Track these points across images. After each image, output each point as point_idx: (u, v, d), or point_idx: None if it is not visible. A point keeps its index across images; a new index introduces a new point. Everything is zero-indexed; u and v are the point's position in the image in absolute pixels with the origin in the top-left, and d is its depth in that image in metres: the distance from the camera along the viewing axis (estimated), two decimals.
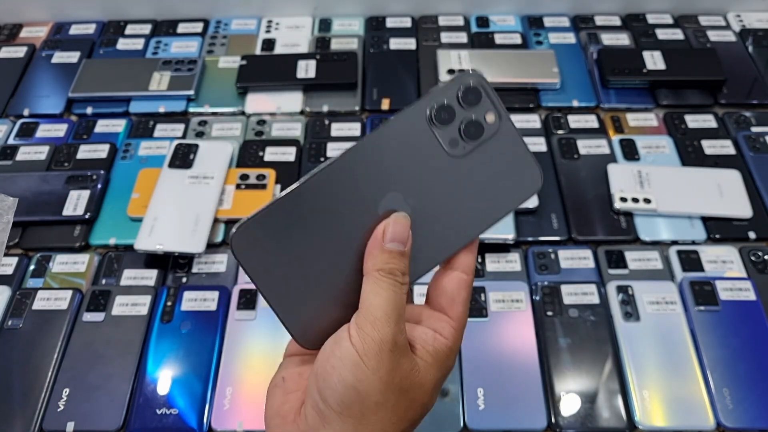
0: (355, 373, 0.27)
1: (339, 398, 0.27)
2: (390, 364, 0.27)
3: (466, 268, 0.31)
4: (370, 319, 0.27)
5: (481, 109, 0.30)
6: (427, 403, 0.30)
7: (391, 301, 0.28)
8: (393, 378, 0.27)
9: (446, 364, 0.30)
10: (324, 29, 0.91)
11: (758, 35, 0.87)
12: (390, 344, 0.27)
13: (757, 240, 0.66)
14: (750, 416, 0.54)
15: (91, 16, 0.93)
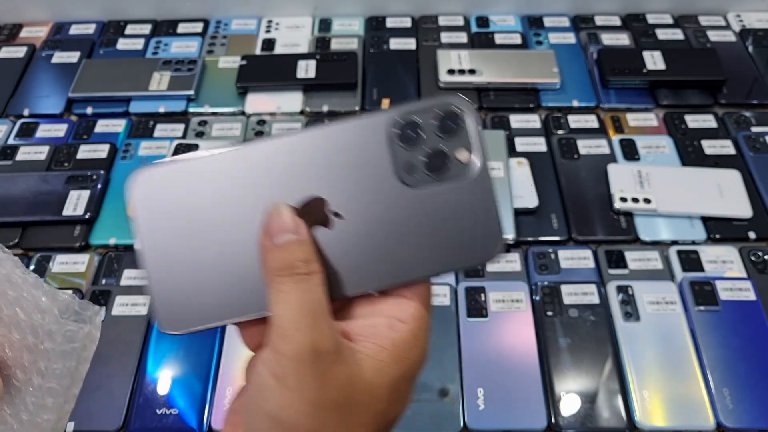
0: (275, 401, 0.23)
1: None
2: (315, 379, 0.22)
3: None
4: (279, 332, 0.23)
5: (456, 142, 0.26)
6: (385, 410, 0.25)
7: (297, 303, 0.23)
8: (324, 395, 0.23)
9: (411, 356, 0.25)
10: (324, 29, 0.91)
11: (758, 35, 0.87)
12: (309, 355, 0.22)
13: (757, 240, 0.66)
14: (750, 416, 0.54)
15: (91, 16, 0.93)
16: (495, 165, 0.69)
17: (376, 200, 0.26)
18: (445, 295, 0.61)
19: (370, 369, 0.24)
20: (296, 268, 0.24)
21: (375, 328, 0.25)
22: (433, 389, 0.56)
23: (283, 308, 0.23)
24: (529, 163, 0.71)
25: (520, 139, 0.75)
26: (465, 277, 0.64)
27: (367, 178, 0.26)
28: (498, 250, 0.27)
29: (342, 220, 0.26)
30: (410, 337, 0.25)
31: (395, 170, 0.26)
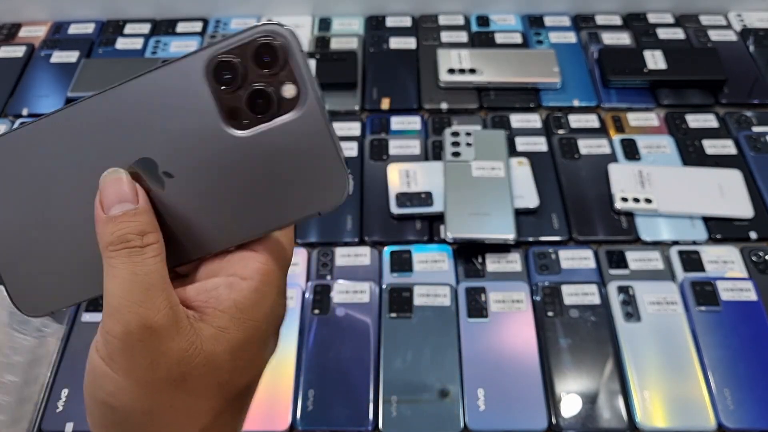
0: (104, 385, 0.22)
1: (99, 422, 0.22)
2: (146, 358, 0.21)
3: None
4: (109, 311, 0.22)
5: (279, 77, 0.23)
6: (230, 379, 0.23)
7: (129, 278, 0.21)
8: (156, 373, 0.21)
9: (256, 316, 0.23)
10: (324, 28, 0.91)
11: (759, 35, 0.87)
12: (139, 333, 0.21)
13: (758, 240, 0.66)
14: (751, 417, 0.54)
15: (90, 16, 0.93)
16: (495, 165, 0.69)
17: (206, 152, 0.24)
18: (445, 295, 0.61)
19: (209, 338, 0.22)
20: (129, 242, 0.22)
21: (215, 291, 0.23)
22: (433, 390, 0.56)
23: (113, 284, 0.22)
24: (530, 162, 0.71)
25: (520, 139, 0.75)
26: (465, 278, 0.63)
27: (193, 129, 0.23)
28: (344, 192, 0.24)
29: (174, 179, 0.24)
30: (253, 296, 0.23)
31: (221, 117, 0.23)
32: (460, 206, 0.65)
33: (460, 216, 0.65)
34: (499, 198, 0.66)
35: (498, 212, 0.65)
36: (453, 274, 0.64)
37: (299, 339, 0.58)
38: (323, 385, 0.56)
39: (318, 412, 0.54)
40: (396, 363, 0.57)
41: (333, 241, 0.66)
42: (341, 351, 0.58)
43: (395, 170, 0.70)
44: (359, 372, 0.56)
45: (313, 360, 0.57)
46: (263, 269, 0.23)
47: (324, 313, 0.60)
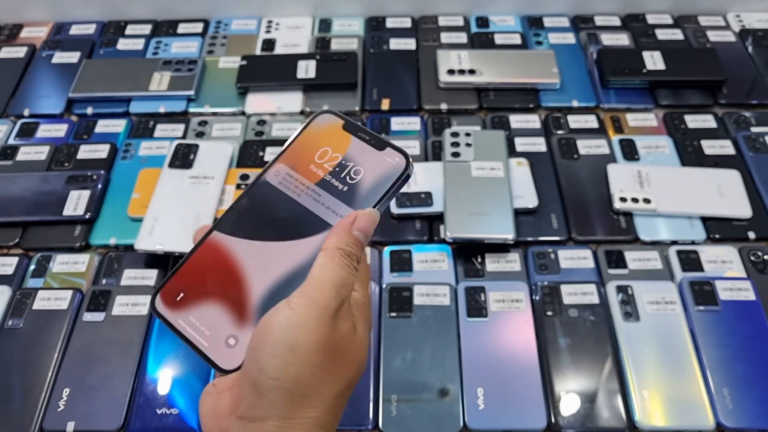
0: (293, 334, 0.28)
1: (276, 362, 0.28)
2: (329, 327, 0.28)
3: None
4: (317, 286, 0.29)
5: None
6: (362, 362, 0.31)
7: (342, 278, 0.30)
8: (330, 338, 0.29)
9: (370, 317, 0.33)
10: (324, 29, 0.91)
11: (758, 35, 0.88)
12: (332, 311, 0.29)
13: (756, 240, 0.66)
14: (750, 416, 0.54)
15: (92, 16, 0.94)
16: (495, 165, 0.69)
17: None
18: (444, 294, 0.61)
19: (357, 326, 0.31)
20: (353, 260, 0.31)
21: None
22: (433, 389, 0.56)
23: (330, 274, 0.30)
24: (529, 163, 0.71)
25: (519, 139, 0.75)
26: (465, 277, 0.64)
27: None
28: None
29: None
30: (363, 300, 0.32)
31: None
32: (459, 206, 0.66)
33: (460, 216, 0.65)
34: (499, 198, 0.66)
35: (497, 212, 0.65)
36: (453, 273, 0.64)
37: None
38: None
39: None
40: (396, 362, 0.57)
41: None
42: None
43: None
44: None
45: None
46: (362, 283, 0.33)
47: None
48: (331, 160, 0.36)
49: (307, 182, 0.36)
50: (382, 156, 0.36)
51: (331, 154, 0.36)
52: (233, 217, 0.35)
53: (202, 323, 0.33)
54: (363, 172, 0.35)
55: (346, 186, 0.35)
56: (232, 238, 0.35)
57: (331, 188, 0.35)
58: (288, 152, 0.37)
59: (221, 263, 0.34)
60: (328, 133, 0.37)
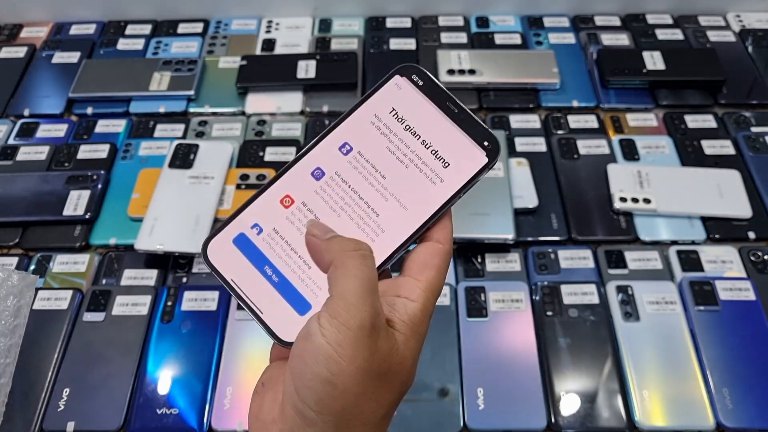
0: (329, 367, 0.25)
1: (316, 396, 0.26)
2: (368, 351, 0.26)
3: (441, 238, 0.30)
4: (343, 305, 0.26)
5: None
6: (406, 380, 0.28)
7: (364, 279, 0.26)
8: (371, 365, 0.26)
9: (421, 330, 0.28)
10: (324, 29, 0.91)
11: (758, 35, 0.88)
12: (368, 330, 0.25)
13: (756, 240, 0.66)
14: (750, 416, 0.54)
15: (92, 17, 0.94)
16: (495, 165, 0.69)
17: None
18: (445, 294, 0.61)
19: (402, 342, 0.27)
20: (362, 249, 0.27)
21: (395, 306, 0.28)
22: (433, 389, 0.56)
23: (350, 282, 0.26)
24: (529, 163, 0.71)
25: (520, 139, 0.75)
26: (465, 277, 0.64)
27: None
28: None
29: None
30: (420, 314, 0.28)
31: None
32: (459, 206, 0.65)
33: (460, 216, 0.65)
34: (499, 198, 0.66)
35: (497, 212, 0.65)
36: (453, 273, 0.64)
37: None
38: None
39: None
40: None
41: None
42: None
43: None
44: None
45: None
46: (425, 296, 0.28)
47: None
48: (400, 130, 0.30)
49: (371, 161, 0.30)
50: (464, 143, 0.30)
51: (401, 125, 0.31)
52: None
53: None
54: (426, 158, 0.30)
55: (399, 172, 0.30)
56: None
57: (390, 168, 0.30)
58: (357, 114, 0.31)
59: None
60: (404, 99, 0.31)
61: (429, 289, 0.29)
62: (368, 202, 0.30)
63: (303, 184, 0.30)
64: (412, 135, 0.30)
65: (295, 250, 0.29)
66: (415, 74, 0.31)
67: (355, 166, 0.30)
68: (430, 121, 0.30)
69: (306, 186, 0.30)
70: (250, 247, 0.30)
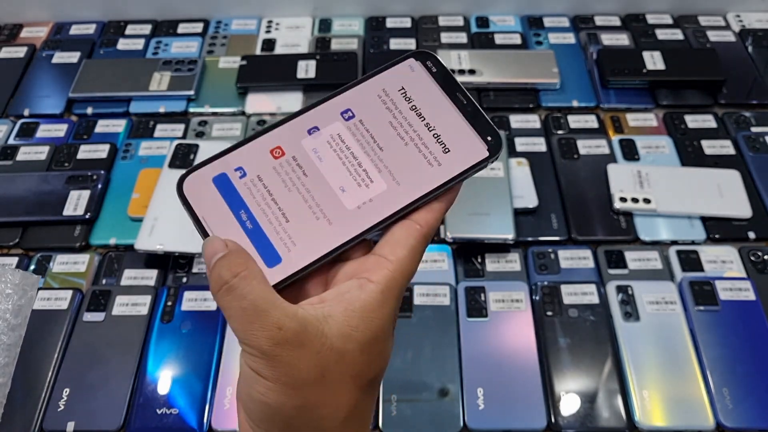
0: (258, 388, 0.25)
1: (256, 415, 0.26)
2: (286, 365, 0.25)
3: (423, 221, 0.28)
4: (240, 336, 0.26)
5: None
6: (361, 370, 0.26)
7: (240, 312, 0.25)
8: (298, 375, 0.25)
9: (380, 315, 0.26)
10: (324, 29, 0.91)
11: (758, 35, 0.88)
12: (272, 349, 0.25)
13: (756, 240, 0.66)
14: (750, 416, 0.54)
15: (92, 17, 0.94)
16: (495, 165, 0.69)
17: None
18: (445, 294, 0.61)
19: (339, 336, 0.25)
20: (226, 282, 0.25)
21: (348, 294, 0.26)
22: (433, 389, 0.56)
23: (232, 323, 0.26)
24: (529, 163, 0.71)
25: (520, 139, 0.75)
26: (465, 277, 0.64)
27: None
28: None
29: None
30: (379, 297, 0.26)
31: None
32: (459, 206, 0.66)
33: (460, 216, 0.65)
34: (499, 198, 0.66)
35: (497, 212, 0.65)
36: (453, 273, 0.64)
37: None
38: None
39: None
40: (396, 362, 0.57)
41: None
42: None
43: None
44: None
45: None
46: (390, 276, 0.27)
47: None
48: (404, 111, 0.30)
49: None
50: (468, 133, 0.30)
51: (408, 104, 0.30)
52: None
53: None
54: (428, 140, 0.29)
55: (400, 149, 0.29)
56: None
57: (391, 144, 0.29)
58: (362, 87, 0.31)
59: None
60: (415, 81, 0.30)
61: (397, 270, 0.27)
62: (362, 169, 0.29)
63: (297, 140, 0.30)
64: (417, 115, 0.30)
65: (276, 201, 0.28)
66: (430, 60, 0.31)
67: (354, 132, 0.30)
68: (437, 107, 0.30)
69: (300, 142, 0.30)
70: (230, 188, 0.29)
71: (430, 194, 0.29)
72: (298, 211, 0.28)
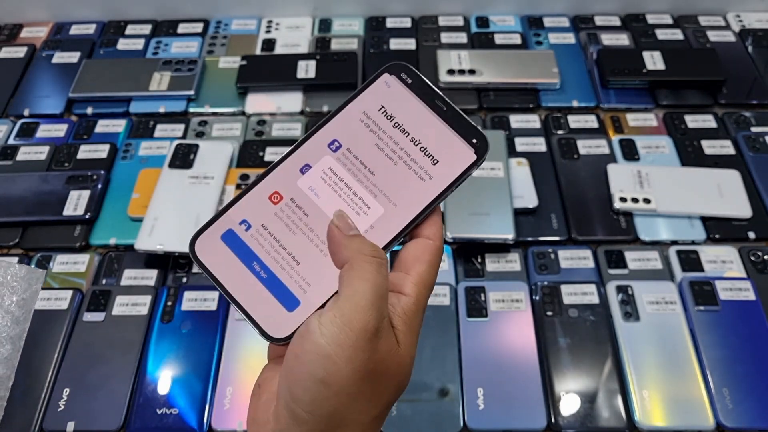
0: (326, 367, 0.25)
1: (310, 396, 0.26)
2: (366, 353, 0.25)
3: (431, 234, 0.29)
4: (351, 306, 0.26)
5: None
6: (403, 380, 0.28)
7: (376, 285, 0.26)
8: (368, 365, 0.26)
9: (415, 325, 0.28)
10: (324, 29, 0.91)
11: (758, 35, 0.88)
12: (371, 333, 0.25)
13: (756, 240, 0.66)
14: (750, 416, 0.54)
15: (92, 16, 0.94)
16: (495, 165, 0.69)
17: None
18: (445, 294, 0.61)
19: (401, 341, 0.27)
20: (381, 257, 0.27)
21: (391, 300, 0.28)
22: (433, 389, 0.56)
23: (365, 286, 0.26)
24: (529, 163, 0.71)
25: (519, 139, 0.75)
26: (465, 277, 0.64)
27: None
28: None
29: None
30: (414, 308, 0.28)
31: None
32: (459, 206, 0.66)
33: (460, 216, 0.65)
34: (499, 198, 0.66)
35: (497, 212, 0.65)
36: (453, 273, 0.64)
37: None
38: None
39: None
40: None
41: None
42: None
43: None
44: None
45: None
46: (418, 291, 0.28)
47: None
48: (388, 128, 0.30)
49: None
50: (453, 140, 0.30)
51: (390, 122, 0.30)
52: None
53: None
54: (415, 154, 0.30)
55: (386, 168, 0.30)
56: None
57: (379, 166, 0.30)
58: (343, 114, 0.31)
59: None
60: (393, 96, 0.31)
61: (421, 283, 0.28)
62: (358, 197, 0.30)
63: (293, 181, 0.30)
64: (401, 132, 0.30)
65: (284, 246, 0.29)
66: (404, 72, 0.31)
67: (344, 162, 0.30)
68: (419, 119, 0.30)
69: (296, 183, 0.30)
70: (238, 243, 0.29)
71: (427, 208, 0.29)
72: (306, 252, 0.29)
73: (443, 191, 0.29)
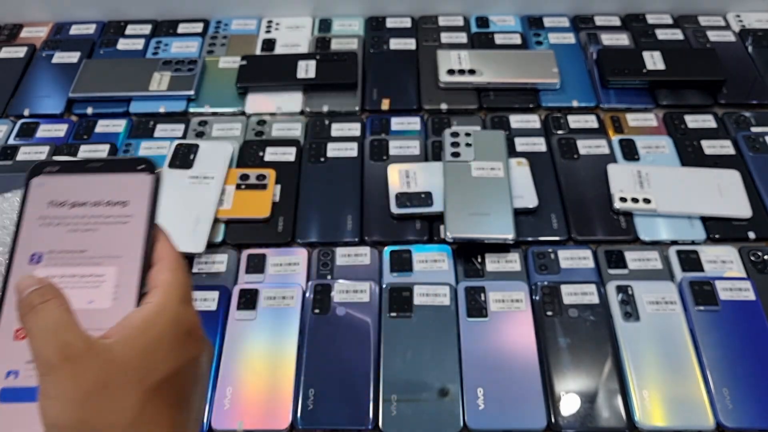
0: (48, 414, 0.27)
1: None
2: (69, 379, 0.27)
3: (162, 254, 0.33)
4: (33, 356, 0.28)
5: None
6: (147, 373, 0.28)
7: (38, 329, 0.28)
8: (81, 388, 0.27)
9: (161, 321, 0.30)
10: (324, 29, 0.91)
11: (758, 35, 0.88)
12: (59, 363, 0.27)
13: (756, 240, 0.66)
14: (750, 416, 0.54)
15: (92, 16, 0.94)
16: (495, 165, 0.69)
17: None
18: (444, 295, 0.61)
19: (120, 347, 0.28)
20: (34, 306, 0.28)
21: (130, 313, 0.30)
22: (433, 389, 0.56)
23: (32, 340, 0.27)
24: (529, 163, 0.71)
25: (519, 139, 0.75)
26: (465, 277, 0.64)
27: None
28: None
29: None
30: (155, 308, 0.30)
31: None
32: (459, 206, 0.66)
33: (460, 216, 0.65)
34: (499, 198, 0.66)
35: (497, 212, 0.65)
36: (453, 273, 0.64)
37: (299, 338, 0.59)
38: (323, 384, 0.56)
39: (318, 411, 0.55)
40: (396, 362, 0.57)
41: (333, 241, 0.67)
42: (341, 350, 0.58)
43: (395, 170, 0.71)
44: (359, 371, 0.56)
45: (313, 359, 0.57)
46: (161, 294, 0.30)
47: (324, 312, 0.60)
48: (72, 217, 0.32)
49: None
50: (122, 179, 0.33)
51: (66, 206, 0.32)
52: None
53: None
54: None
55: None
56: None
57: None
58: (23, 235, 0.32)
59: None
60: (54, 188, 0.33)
61: (166, 287, 0.31)
62: (88, 276, 0.31)
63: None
64: (80, 206, 0.32)
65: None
66: (45, 167, 0.33)
67: (55, 263, 0.31)
68: (86, 186, 0.32)
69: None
70: (18, 391, 0.29)
71: (149, 236, 0.32)
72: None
73: (149, 217, 0.33)
